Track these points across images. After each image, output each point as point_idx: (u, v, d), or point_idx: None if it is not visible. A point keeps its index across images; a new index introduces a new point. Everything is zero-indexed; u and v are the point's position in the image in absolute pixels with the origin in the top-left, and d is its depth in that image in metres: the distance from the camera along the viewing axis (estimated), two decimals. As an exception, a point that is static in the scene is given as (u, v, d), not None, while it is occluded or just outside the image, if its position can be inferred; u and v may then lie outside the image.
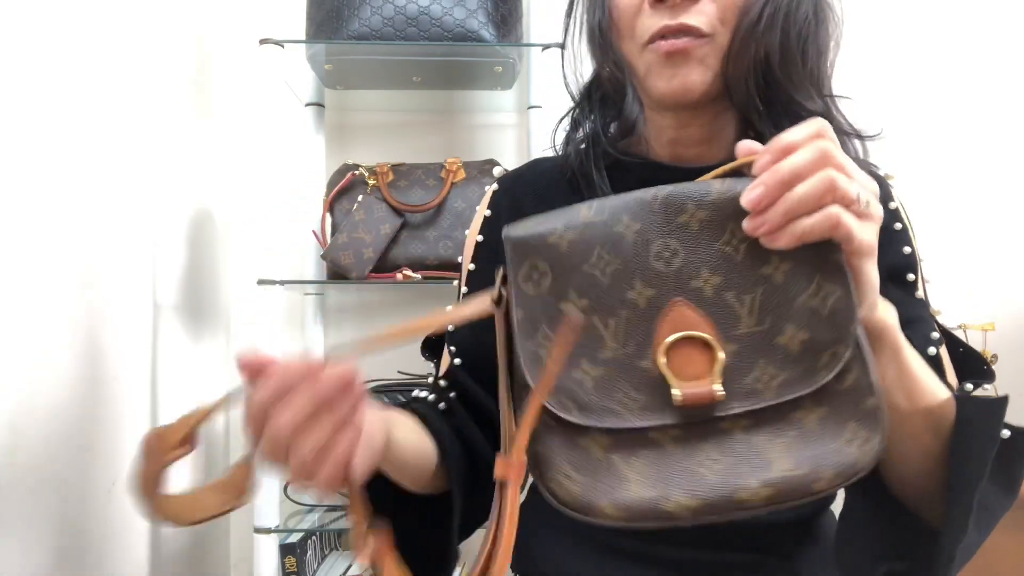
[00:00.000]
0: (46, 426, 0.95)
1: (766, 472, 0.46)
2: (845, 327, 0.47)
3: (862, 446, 0.46)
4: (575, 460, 0.48)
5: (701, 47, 0.66)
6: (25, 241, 0.90)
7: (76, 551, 1.01)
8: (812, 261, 0.47)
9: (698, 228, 0.49)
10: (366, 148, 1.60)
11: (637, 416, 0.48)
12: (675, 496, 0.46)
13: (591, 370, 0.49)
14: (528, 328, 0.50)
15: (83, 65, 1.04)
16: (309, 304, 1.53)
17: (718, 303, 0.48)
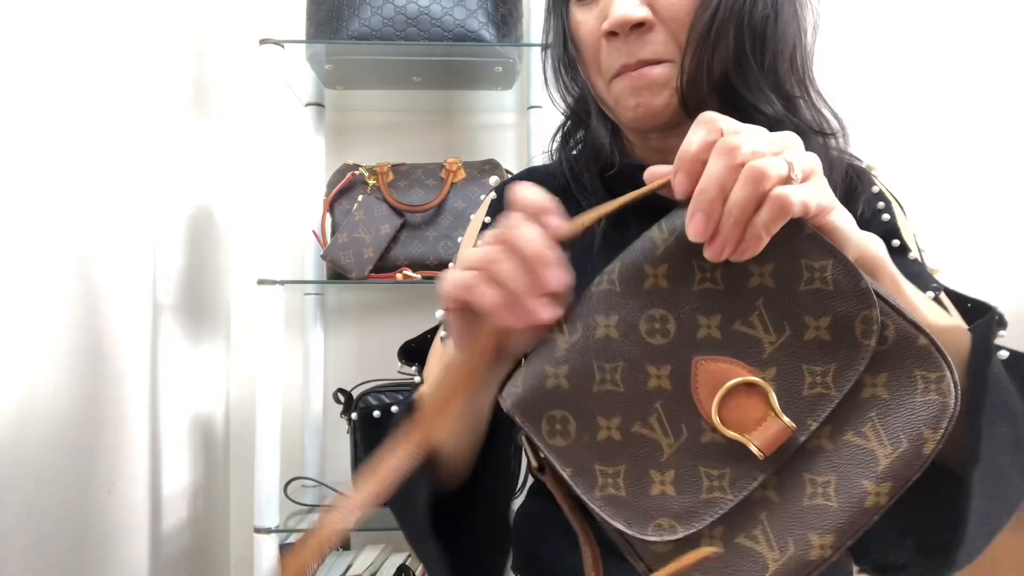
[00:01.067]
0: (46, 426, 0.95)
1: (874, 465, 0.45)
2: (856, 290, 0.46)
3: (938, 384, 0.45)
4: (708, 567, 0.47)
5: (662, 73, 0.67)
6: (25, 241, 0.90)
7: (76, 551, 1.01)
8: (787, 250, 0.46)
9: (667, 284, 0.48)
10: (366, 148, 1.60)
11: (734, 490, 0.46)
12: (811, 540, 0.45)
13: (665, 476, 0.47)
14: (585, 480, 0.48)
15: (83, 65, 1.04)
16: (309, 304, 1.53)
17: (733, 338, 0.47)
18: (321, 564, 1.41)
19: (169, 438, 1.31)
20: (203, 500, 1.46)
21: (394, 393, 1.34)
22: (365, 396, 1.34)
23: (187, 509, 1.39)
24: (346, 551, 1.50)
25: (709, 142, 0.46)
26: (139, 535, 1.21)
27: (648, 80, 0.67)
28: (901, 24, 1.67)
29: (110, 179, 1.11)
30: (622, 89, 0.69)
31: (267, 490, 1.26)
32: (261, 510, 1.26)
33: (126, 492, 1.16)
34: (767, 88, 0.68)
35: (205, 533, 1.47)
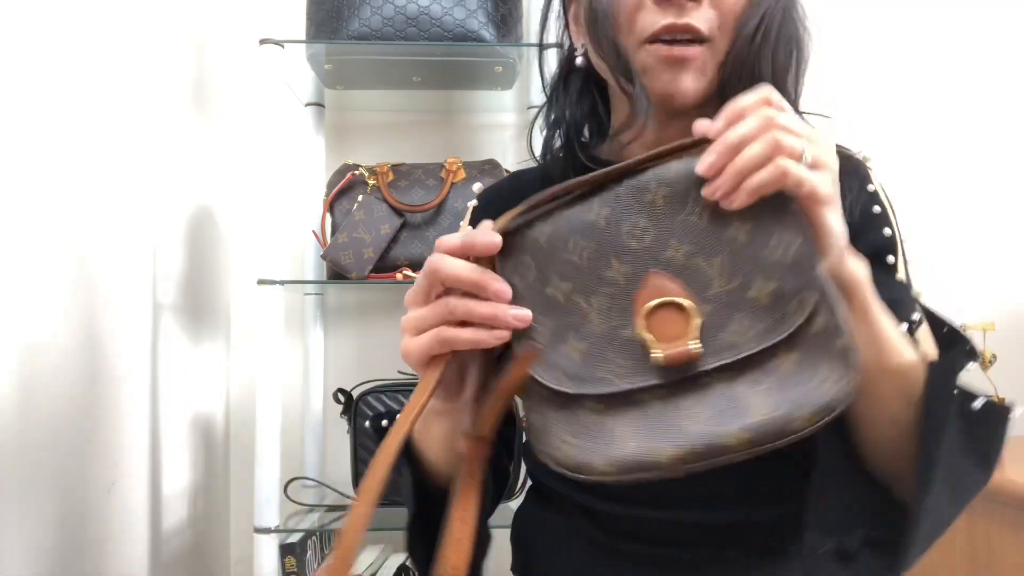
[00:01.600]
0: (46, 426, 0.95)
1: (746, 417, 0.49)
2: (809, 273, 0.50)
3: (836, 383, 0.49)
4: (571, 426, 0.52)
5: (701, 54, 0.67)
6: (26, 241, 0.90)
7: (76, 551, 1.01)
8: (770, 216, 0.51)
9: (663, 204, 0.53)
10: (366, 148, 1.60)
11: (625, 380, 0.52)
12: (662, 447, 0.50)
13: (578, 344, 0.53)
14: None
15: (84, 65, 1.04)
16: (309, 304, 1.53)
17: (690, 268, 0.52)
18: (321, 564, 1.41)
19: (169, 438, 1.31)
20: (203, 500, 1.46)
21: (394, 393, 1.34)
22: (365, 396, 1.34)
23: (187, 509, 1.39)
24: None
25: (760, 101, 0.52)
26: (139, 535, 1.21)
27: (687, 62, 0.67)
28: (898, 22, 1.67)
29: (110, 179, 1.11)
30: (656, 61, 0.67)
31: (267, 490, 1.26)
32: (261, 510, 1.26)
33: (126, 492, 1.16)
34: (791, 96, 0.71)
35: (205, 533, 1.47)
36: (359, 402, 1.34)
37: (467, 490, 0.56)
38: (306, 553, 1.34)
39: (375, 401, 1.34)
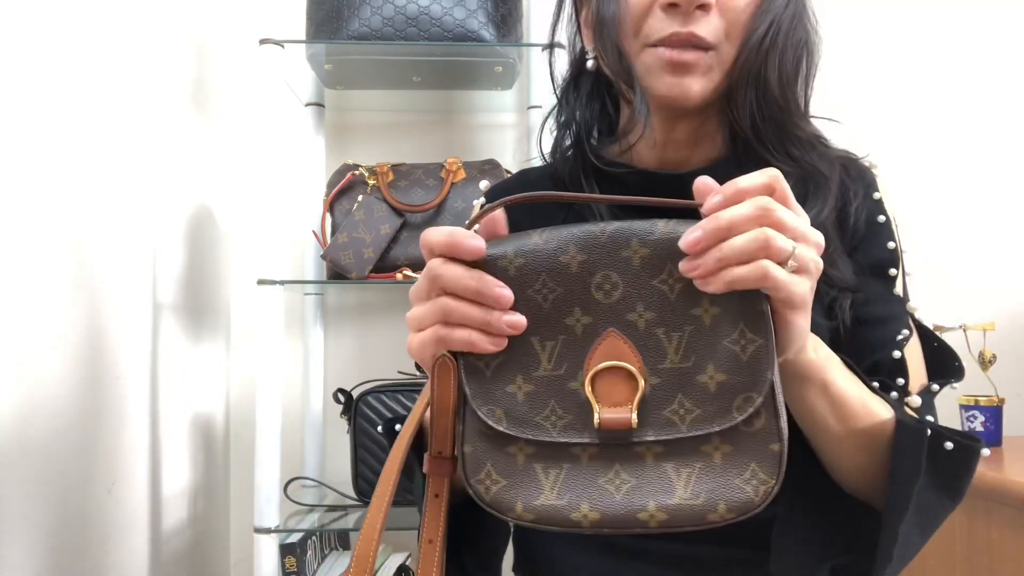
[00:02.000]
0: (46, 426, 0.95)
1: (667, 498, 0.51)
2: (761, 375, 0.51)
3: (757, 487, 0.50)
4: (499, 464, 0.53)
5: (705, 60, 0.68)
6: (26, 241, 0.90)
7: (76, 551, 1.01)
8: (740, 309, 0.51)
9: (639, 264, 0.53)
10: (366, 148, 1.60)
11: (560, 432, 0.53)
12: (582, 507, 0.51)
13: (524, 385, 0.54)
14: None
15: (84, 65, 1.04)
16: (309, 304, 1.53)
17: (648, 337, 0.53)
18: (321, 564, 1.41)
19: (169, 438, 1.31)
20: (203, 500, 1.46)
21: (394, 393, 1.34)
22: (365, 396, 1.34)
23: (187, 509, 1.39)
24: (346, 551, 1.50)
25: (763, 186, 0.51)
26: (139, 535, 1.21)
27: (692, 67, 0.67)
28: (897, 25, 1.67)
29: (110, 179, 1.11)
30: (660, 63, 0.68)
31: (267, 490, 1.26)
32: (261, 510, 1.26)
33: (126, 492, 1.16)
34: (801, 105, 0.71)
35: (205, 533, 1.47)
36: (359, 402, 1.34)
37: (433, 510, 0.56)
38: (306, 553, 1.34)
39: (375, 401, 1.34)
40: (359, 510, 1.36)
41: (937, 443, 0.60)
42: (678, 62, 0.67)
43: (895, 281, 0.71)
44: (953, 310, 1.57)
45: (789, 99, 0.70)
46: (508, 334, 0.53)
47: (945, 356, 0.71)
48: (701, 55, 0.67)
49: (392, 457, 0.57)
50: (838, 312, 0.68)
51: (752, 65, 0.68)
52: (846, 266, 0.69)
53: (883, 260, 0.71)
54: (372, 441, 1.34)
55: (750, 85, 0.68)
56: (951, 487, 0.60)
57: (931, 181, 1.65)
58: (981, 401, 1.42)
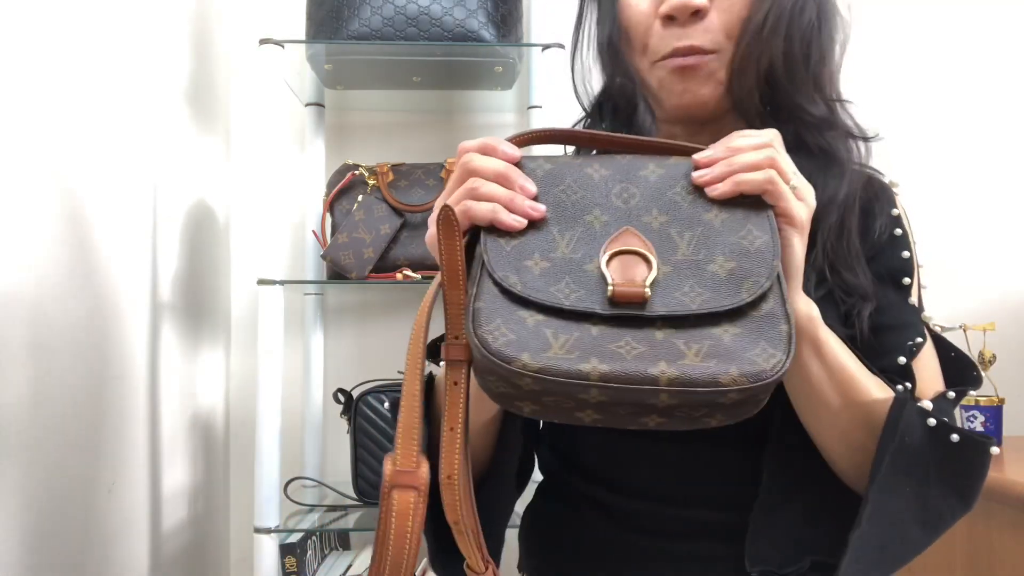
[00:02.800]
0: (46, 426, 0.95)
1: (678, 359, 0.51)
2: (767, 262, 0.55)
3: (768, 359, 0.51)
4: (510, 321, 0.54)
5: (710, 63, 0.69)
6: (26, 241, 0.90)
7: (76, 551, 1.01)
8: (746, 214, 0.57)
9: (655, 179, 0.59)
10: (366, 148, 1.60)
11: (572, 303, 0.54)
12: (591, 360, 0.51)
13: (540, 262, 0.56)
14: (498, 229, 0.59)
15: (83, 65, 1.04)
16: (309, 304, 1.54)
17: (661, 234, 0.57)
18: (321, 564, 1.41)
19: (169, 438, 1.31)
20: (203, 500, 1.46)
21: (394, 393, 1.34)
22: (365, 396, 1.34)
23: (187, 509, 1.39)
24: (346, 551, 1.50)
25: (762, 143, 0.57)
26: (139, 535, 1.21)
27: (696, 70, 0.69)
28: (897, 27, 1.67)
29: (111, 179, 1.11)
30: (668, 74, 0.71)
31: (267, 490, 1.26)
32: (261, 510, 1.26)
33: (126, 492, 1.16)
34: (811, 89, 0.72)
35: (205, 533, 1.47)
36: (359, 402, 1.34)
37: (453, 399, 0.56)
38: (306, 553, 1.34)
39: (375, 401, 1.34)
40: (359, 510, 1.36)
41: (943, 434, 0.60)
42: (684, 66, 0.69)
43: (910, 290, 0.72)
44: (953, 310, 1.58)
45: (797, 83, 0.71)
46: (529, 215, 0.56)
47: (962, 365, 0.71)
48: (704, 58, 0.69)
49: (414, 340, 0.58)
50: (855, 320, 0.68)
51: (752, 56, 0.69)
52: (866, 275, 0.70)
53: (898, 269, 0.72)
54: (372, 441, 1.34)
55: (753, 77, 0.69)
56: (959, 486, 0.60)
57: (931, 181, 1.65)
58: (981, 401, 1.42)
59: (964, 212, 1.66)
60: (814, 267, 0.68)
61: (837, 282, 0.68)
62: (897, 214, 0.75)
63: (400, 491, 0.54)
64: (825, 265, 0.68)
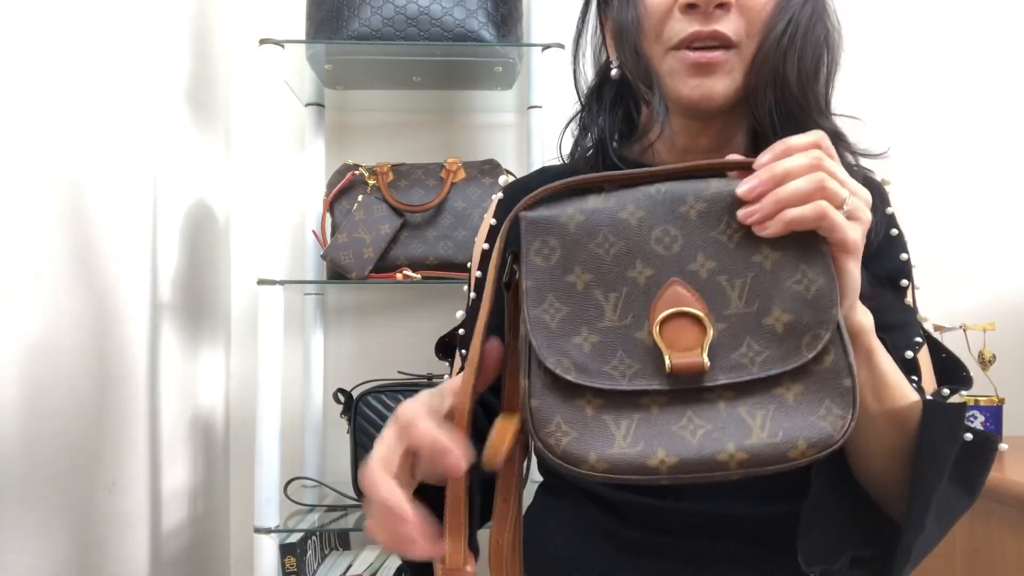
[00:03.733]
0: (46, 426, 0.95)
1: (745, 438, 0.50)
2: (827, 311, 0.52)
3: (835, 422, 0.50)
4: (569, 416, 0.52)
5: (728, 59, 0.68)
6: (26, 241, 0.90)
7: (76, 551, 1.01)
8: (799, 252, 0.53)
9: (696, 217, 0.54)
10: (366, 148, 1.60)
11: (630, 381, 0.52)
12: (658, 453, 0.50)
13: (590, 337, 0.53)
14: (536, 296, 0.55)
15: (83, 65, 1.04)
16: (309, 304, 1.54)
17: (711, 285, 0.53)
18: (321, 564, 1.41)
19: (169, 438, 1.31)
20: (203, 500, 1.46)
21: (394, 393, 1.34)
22: (365, 396, 1.34)
23: (187, 509, 1.39)
24: (346, 551, 1.50)
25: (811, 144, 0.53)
26: (139, 535, 1.21)
27: (714, 67, 0.68)
28: (898, 25, 1.67)
29: (110, 179, 1.11)
30: (682, 65, 0.69)
31: (267, 490, 1.26)
32: (261, 510, 1.26)
33: (126, 492, 1.16)
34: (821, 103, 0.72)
35: (205, 533, 1.47)
36: (359, 402, 1.34)
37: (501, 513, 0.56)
38: (306, 553, 1.34)
39: (375, 401, 1.34)
40: (359, 510, 1.36)
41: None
42: (702, 63, 0.68)
43: (907, 292, 0.73)
44: (953, 310, 1.58)
45: (809, 97, 0.71)
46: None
47: (953, 367, 0.72)
48: (724, 54, 0.68)
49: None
50: None
51: (771, 63, 0.68)
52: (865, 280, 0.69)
53: (896, 272, 0.72)
54: (372, 441, 1.34)
55: (769, 84, 0.69)
56: (968, 482, 0.61)
57: (931, 181, 1.65)
58: (981, 401, 1.42)
59: (964, 212, 1.66)
60: None
61: None
62: (891, 212, 0.75)
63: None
64: None
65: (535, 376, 0.53)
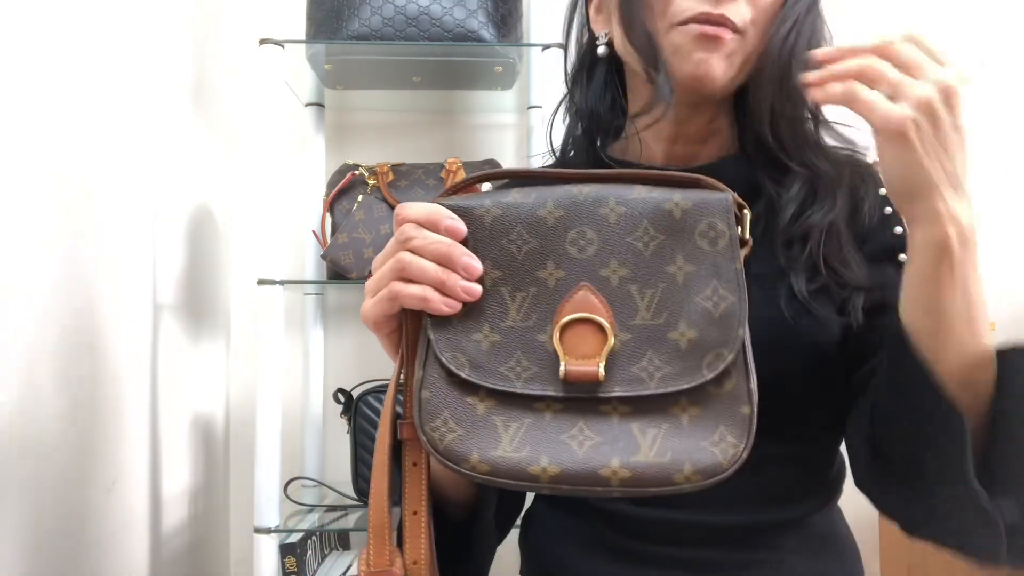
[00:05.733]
0: (46, 426, 0.95)
1: (632, 454, 0.49)
2: (732, 331, 0.51)
3: (727, 450, 0.49)
4: (458, 413, 0.52)
5: (733, 41, 0.68)
6: (26, 241, 0.90)
7: (76, 551, 1.01)
8: (713, 267, 0.52)
9: (615, 221, 0.53)
10: (366, 148, 1.60)
11: (524, 384, 0.52)
12: (541, 460, 0.50)
13: (490, 335, 0.53)
14: None
15: (83, 65, 1.04)
16: (309, 304, 1.53)
17: (621, 293, 0.52)
18: (321, 564, 1.41)
19: (169, 438, 1.31)
20: (203, 500, 1.46)
21: (394, 393, 1.34)
22: (365, 396, 1.34)
23: (187, 509, 1.39)
24: (346, 551, 1.50)
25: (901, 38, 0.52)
26: (139, 535, 1.21)
27: (720, 42, 0.67)
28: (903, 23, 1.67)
29: (110, 179, 1.11)
30: (686, 39, 0.68)
31: (267, 490, 1.26)
32: (261, 510, 1.26)
33: (126, 492, 1.16)
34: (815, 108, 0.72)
35: (205, 533, 1.47)
36: (359, 402, 1.34)
37: (413, 480, 0.56)
38: (306, 553, 1.34)
39: (375, 401, 1.34)
40: (359, 510, 1.36)
41: None
42: (711, 36, 0.67)
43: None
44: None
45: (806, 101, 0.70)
46: (463, 299, 0.52)
47: None
48: (731, 35, 0.67)
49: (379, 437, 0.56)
50: (850, 310, 0.67)
51: (776, 62, 0.68)
52: (859, 265, 0.69)
53: (891, 245, 0.71)
54: (372, 441, 1.34)
55: (772, 81, 0.69)
56: None
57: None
58: (981, 401, 1.42)
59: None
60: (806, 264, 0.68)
61: (831, 276, 0.68)
62: (885, 193, 0.74)
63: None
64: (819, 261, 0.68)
65: (431, 367, 0.53)
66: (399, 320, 0.55)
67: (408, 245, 0.53)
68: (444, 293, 0.52)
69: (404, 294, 0.52)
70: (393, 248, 0.54)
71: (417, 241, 0.52)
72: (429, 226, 0.53)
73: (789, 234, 0.70)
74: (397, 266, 0.53)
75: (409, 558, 0.55)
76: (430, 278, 0.52)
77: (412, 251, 0.53)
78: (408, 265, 0.52)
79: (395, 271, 0.53)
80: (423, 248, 0.52)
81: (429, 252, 0.52)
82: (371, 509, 0.55)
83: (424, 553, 0.55)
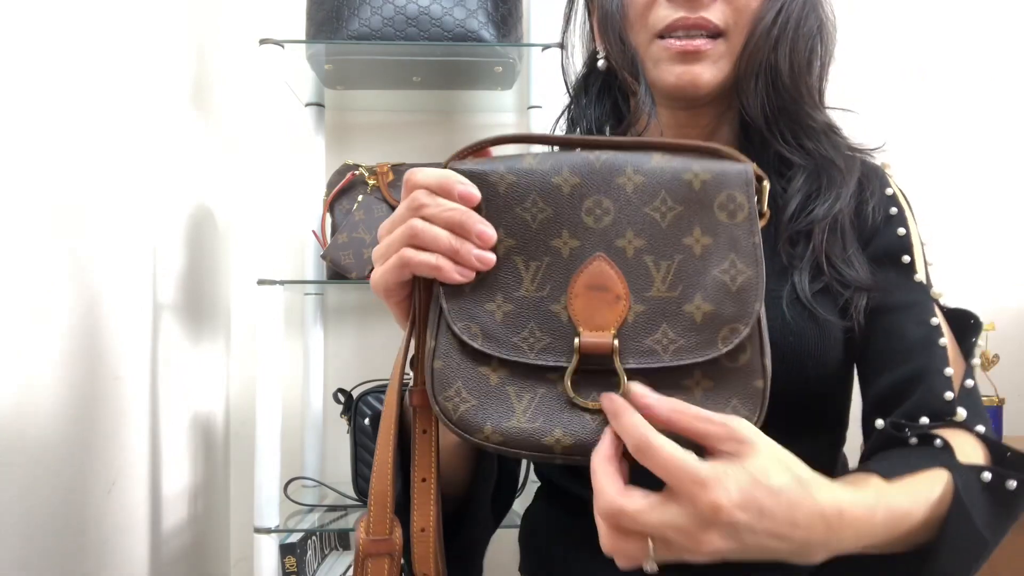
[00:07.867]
0: (46, 426, 0.95)
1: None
2: (749, 306, 0.50)
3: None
4: (471, 383, 0.51)
5: (715, 47, 0.67)
6: (25, 241, 0.90)
7: (76, 551, 1.01)
8: (731, 240, 0.51)
9: (632, 190, 0.52)
10: (366, 148, 1.60)
11: (537, 354, 0.51)
12: (555, 432, 0.50)
13: (503, 305, 0.52)
14: None
15: (83, 65, 1.04)
16: (309, 304, 1.53)
17: (636, 264, 0.51)
18: (321, 564, 1.41)
19: (169, 438, 1.31)
20: (203, 500, 1.46)
21: (394, 393, 1.34)
22: (365, 396, 1.34)
23: (187, 509, 1.39)
24: (346, 551, 1.50)
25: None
26: (139, 535, 1.21)
27: (700, 56, 0.67)
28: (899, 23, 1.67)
29: (110, 179, 1.11)
30: (667, 52, 0.68)
31: (267, 490, 1.26)
32: (261, 510, 1.25)
33: (126, 492, 1.16)
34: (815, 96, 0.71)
35: (205, 533, 1.47)
36: (359, 402, 1.34)
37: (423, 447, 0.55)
38: (306, 553, 1.34)
39: (375, 401, 1.34)
40: (359, 510, 1.36)
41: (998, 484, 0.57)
42: (688, 51, 0.66)
43: (912, 267, 0.71)
44: (953, 310, 1.57)
45: (802, 89, 0.70)
46: (477, 267, 0.51)
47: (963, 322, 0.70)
48: (710, 43, 0.67)
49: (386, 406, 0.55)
50: (852, 312, 0.67)
51: (761, 54, 0.68)
52: (862, 266, 0.69)
53: (895, 248, 0.71)
54: (372, 441, 1.34)
55: (760, 75, 0.68)
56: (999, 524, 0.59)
57: (931, 180, 1.65)
58: (981, 401, 1.42)
59: (964, 212, 1.65)
60: (809, 262, 0.68)
61: (833, 275, 0.68)
62: (892, 193, 0.74)
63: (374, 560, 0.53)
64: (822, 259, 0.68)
65: (443, 337, 0.52)
66: (409, 288, 0.54)
67: (420, 212, 0.51)
68: (457, 262, 0.51)
69: (416, 261, 0.51)
70: (404, 215, 0.52)
71: (430, 208, 0.51)
72: (442, 192, 0.51)
73: (793, 230, 0.69)
74: (409, 232, 0.51)
75: (417, 525, 0.55)
76: (443, 247, 0.51)
77: (425, 219, 0.51)
78: (421, 232, 0.51)
79: (406, 237, 0.51)
80: (436, 216, 0.51)
81: (442, 220, 0.51)
82: (374, 476, 0.54)
83: (432, 520, 0.55)
